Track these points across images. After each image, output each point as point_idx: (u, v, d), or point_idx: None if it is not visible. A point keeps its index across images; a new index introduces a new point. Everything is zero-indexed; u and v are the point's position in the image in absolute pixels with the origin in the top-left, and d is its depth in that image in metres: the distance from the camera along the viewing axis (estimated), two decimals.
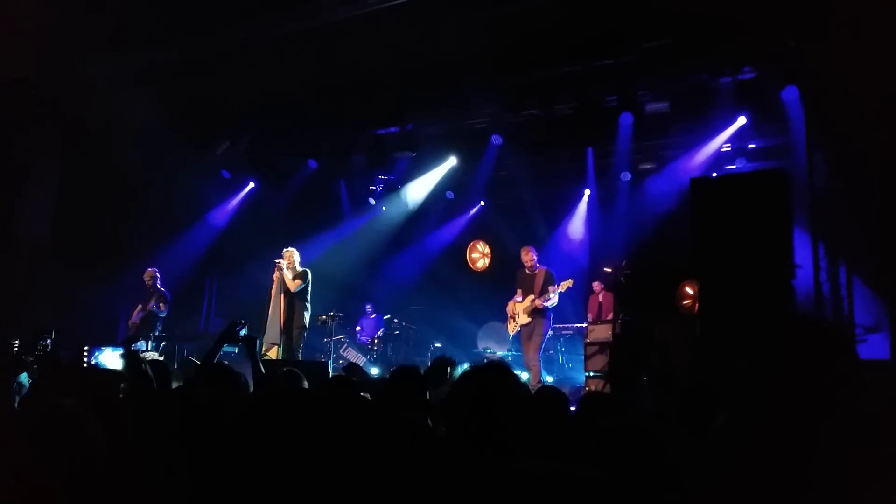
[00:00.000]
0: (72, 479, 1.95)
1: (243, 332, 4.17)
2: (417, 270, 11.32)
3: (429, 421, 2.97)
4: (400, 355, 10.14)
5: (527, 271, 8.17)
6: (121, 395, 3.45)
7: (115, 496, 2.17)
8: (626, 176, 9.64)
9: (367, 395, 3.63)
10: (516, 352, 8.40)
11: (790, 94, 7.37)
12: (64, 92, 9.09)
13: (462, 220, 11.62)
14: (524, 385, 3.37)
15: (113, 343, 7.65)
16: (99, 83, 9.02)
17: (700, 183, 6.22)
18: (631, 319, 6.86)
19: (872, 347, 5.74)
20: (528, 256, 8.18)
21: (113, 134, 9.15)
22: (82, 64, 8.69)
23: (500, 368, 2.36)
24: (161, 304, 9.15)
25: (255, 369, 4.10)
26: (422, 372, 3.72)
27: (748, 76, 7.69)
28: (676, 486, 2.12)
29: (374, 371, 9.75)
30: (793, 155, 7.34)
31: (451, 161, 10.36)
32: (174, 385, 4.07)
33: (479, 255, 11.45)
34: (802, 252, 6.09)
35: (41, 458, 1.95)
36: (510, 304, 8.24)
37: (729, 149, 8.69)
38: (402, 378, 3.40)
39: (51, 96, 9.13)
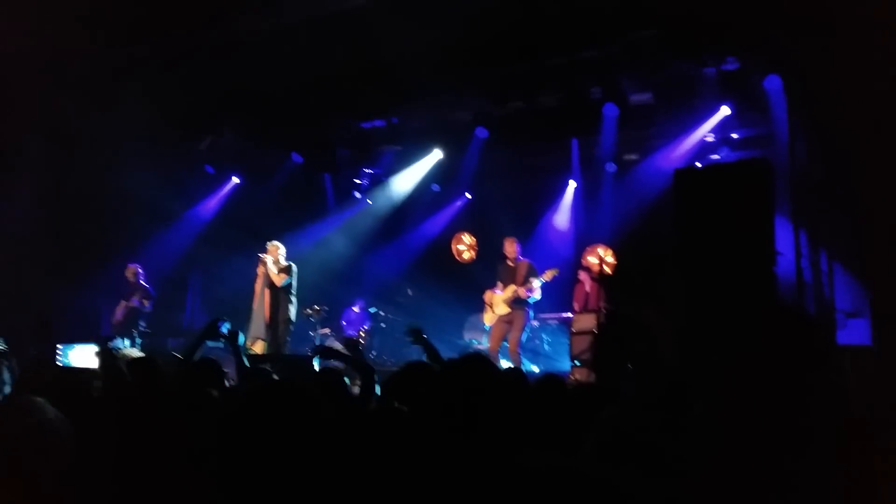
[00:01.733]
0: (39, 479, 1.92)
1: (225, 327, 4.12)
2: (403, 263, 11.29)
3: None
4: (387, 348, 10.12)
5: (509, 263, 8.08)
6: (94, 394, 3.41)
7: (85, 497, 2.15)
8: (611, 167, 9.65)
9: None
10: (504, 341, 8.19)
11: (773, 83, 7.41)
12: (45, 90, 8.99)
13: (448, 213, 11.61)
14: (506, 373, 3.38)
15: (88, 340, 7.55)
16: (80, 80, 8.94)
17: (684, 173, 6.25)
18: (616, 308, 6.88)
19: (853, 333, 5.79)
20: (511, 248, 8.08)
21: (94, 131, 9.07)
22: (63, 61, 8.61)
23: (480, 360, 2.36)
24: (145, 301, 9.08)
25: (239, 363, 4.07)
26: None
27: (731, 66, 7.71)
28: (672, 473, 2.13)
29: None
30: (775, 144, 7.38)
31: (437, 154, 10.35)
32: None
33: (465, 248, 11.44)
34: (784, 240, 6.14)
35: (10, 457, 1.91)
36: (488, 293, 8.17)
37: (713, 139, 8.72)
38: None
39: (32, 94, 9.03)
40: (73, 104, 9.02)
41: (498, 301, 8.01)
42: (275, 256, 8.19)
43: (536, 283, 7.79)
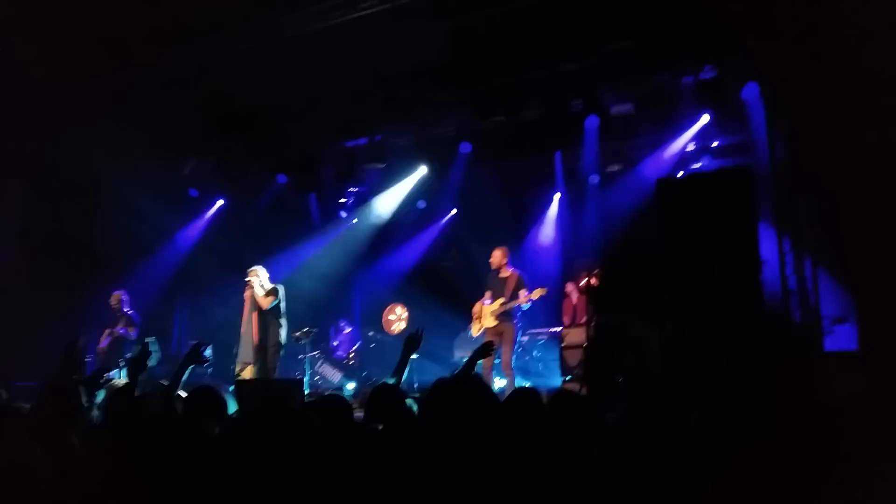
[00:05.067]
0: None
1: (208, 352, 4.09)
2: (391, 282, 11.26)
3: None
4: (377, 369, 10.07)
5: (498, 273, 8.04)
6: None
7: None
8: (595, 178, 9.71)
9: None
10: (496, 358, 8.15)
11: (751, 91, 7.48)
12: (25, 117, 8.94)
13: (435, 230, 11.61)
14: (497, 397, 3.37)
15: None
16: (62, 108, 8.89)
17: (666, 183, 6.26)
18: (605, 321, 6.87)
19: (840, 339, 5.81)
20: (501, 258, 8.02)
21: (76, 157, 9.01)
22: (44, 89, 8.56)
23: (473, 383, 2.34)
24: (130, 328, 8.97)
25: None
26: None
27: (709, 75, 7.79)
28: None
29: (351, 386, 9.68)
30: (755, 151, 7.44)
31: (422, 170, 10.37)
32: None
33: (395, 318, 11.40)
34: (768, 247, 6.16)
35: None
36: (477, 305, 8.15)
37: (693, 148, 8.80)
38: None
39: (11, 122, 8.96)
40: (54, 131, 8.98)
41: (486, 312, 7.96)
42: (259, 280, 8.12)
43: (524, 295, 7.73)
